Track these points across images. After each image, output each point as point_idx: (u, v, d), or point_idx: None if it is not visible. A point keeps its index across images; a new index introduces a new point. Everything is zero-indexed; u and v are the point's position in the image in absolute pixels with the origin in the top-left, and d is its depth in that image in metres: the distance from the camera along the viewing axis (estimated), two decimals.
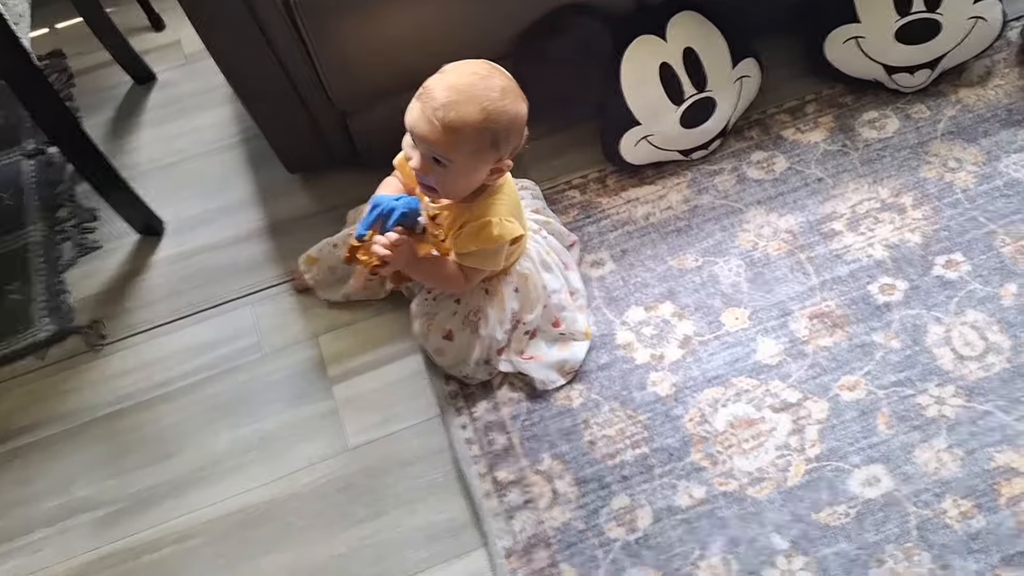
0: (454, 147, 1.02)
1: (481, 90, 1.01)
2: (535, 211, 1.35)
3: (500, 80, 1.03)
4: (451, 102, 0.99)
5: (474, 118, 1.00)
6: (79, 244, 1.58)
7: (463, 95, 1.00)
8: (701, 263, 1.39)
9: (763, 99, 1.56)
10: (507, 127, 1.03)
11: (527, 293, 1.26)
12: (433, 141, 1.02)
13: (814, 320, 1.30)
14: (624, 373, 1.30)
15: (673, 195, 1.48)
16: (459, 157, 1.03)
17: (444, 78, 1.02)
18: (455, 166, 1.04)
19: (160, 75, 1.87)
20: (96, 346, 1.44)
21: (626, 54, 1.38)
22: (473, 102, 1.00)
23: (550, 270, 1.29)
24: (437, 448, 1.27)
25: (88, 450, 1.33)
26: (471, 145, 1.02)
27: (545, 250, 1.29)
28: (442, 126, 1.00)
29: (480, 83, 1.01)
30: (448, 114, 0.99)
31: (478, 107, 1.00)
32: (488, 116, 1.01)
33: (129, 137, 1.76)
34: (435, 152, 1.04)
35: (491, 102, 1.01)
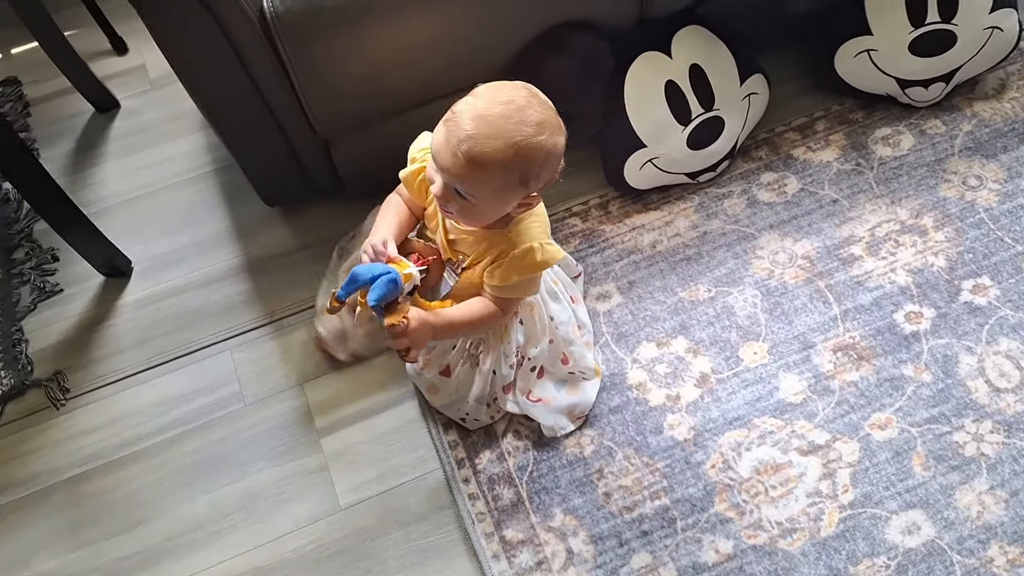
0: (477, 183, 0.93)
1: (514, 124, 0.90)
2: None
3: (537, 112, 0.92)
4: (478, 134, 0.89)
5: (502, 155, 0.90)
6: (38, 287, 1.49)
7: (492, 128, 0.90)
8: (714, 294, 1.33)
9: (770, 116, 1.51)
10: (540, 164, 0.94)
11: (532, 324, 1.19)
12: (456, 174, 0.92)
13: (838, 353, 1.24)
14: (638, 416, 1.23)
15: (680, 221, 1.43)
16: (483, 193, 0.94)
17: (475, 105, 0.92)
18: (478, 200, 0.95)
19: (124, 102, 1.79)
20: (58, 401, 1.34)
21: (630, 72, 1.33)
22: (503, 137, 0.90)
23: (557, 300, 1.21)
24: (438, 505, 1.19)
25: (50, 518, 1.24)
26: (496, 182, 0.93)
27: (552, 279, 1.22)
28: (466, 160, 0.90)
29: (514, 115, 0.91)
30: (473, 148, 0.90)
31: (508, 143, 0.90)
32: (518, 153, 0.91)
33: (91, 170, 1.67)
34: (457, 185, 0.95)
35: (524, 138, 0.90)
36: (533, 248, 1.02)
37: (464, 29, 1.23)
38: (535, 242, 1.02)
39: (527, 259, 1.02)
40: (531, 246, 1.02)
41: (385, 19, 1.17)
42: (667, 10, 1.34)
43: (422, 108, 1.36)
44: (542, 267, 1.04)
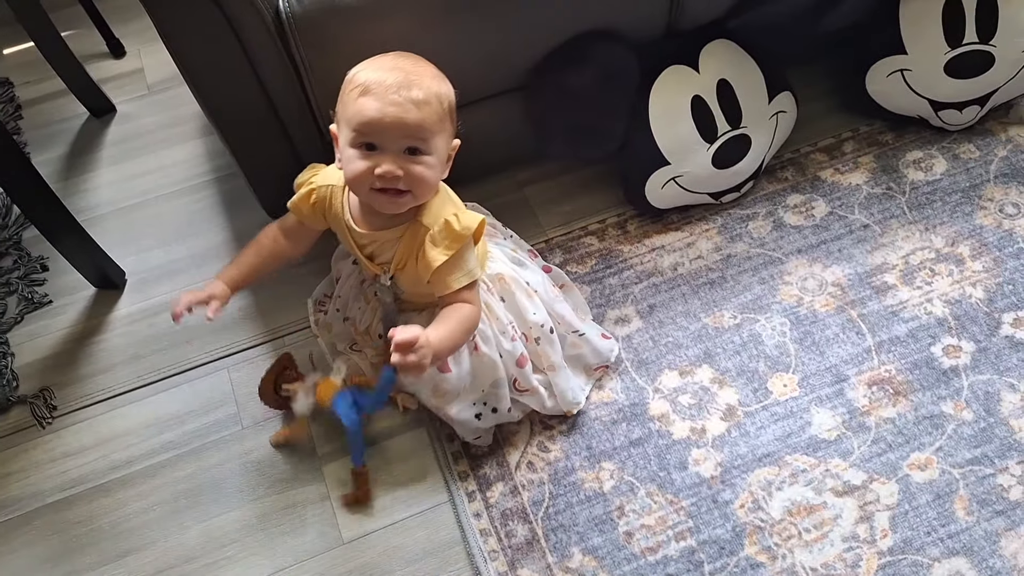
0: (429, 123, 0.94)
1: (417, 64, 0.97)
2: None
3: (419, 57, 0.99)
4: (406, 79, 0.93)
5: (433, 87, 0.95)
6: (26, 298, 1.43)
7: (411, 71, 0.95)
8: (740, 320, 1.28)
9: (796, 136, 1.47)
10: (453, 97, 0.99)
11: (513, 294, 1.13)
12: (410, 121, 0.92)
13: (873, 387, 1.19)
14: (660, 450, 1.17)
15: (703, 243, 1.37)
16: (433, 134, 0.95)
17: (380, 65, 0.96)
18: (432, 148, 0.96)
19: (120, 107, 1.73)
20: (44, 419, 1.27)
21: (655, 86, 1.28)
22: (422, 74, 0.95)
23: (524, 265, 1.17)
24: (447, 541, 1.13)
25: (32, 546, 1.16)
26: (439, 116, 0.95)
27: (511, 248, 1.19)
28: (412, 103, 0.92)
29: (411, 60, 0.98)
30: (412, 90, 0.93)
31: (429, 76, 0.95)
32: (440, 85, 0.96)
33: (84, 176, 1.61)
34: (411, 138, 0.94)
35: (434, 73, 0.97)
36: (448, 220, 0.99)
37: (486, 35, 1.18)
38: (449, 214, 1.00)
39: (449, 231, 0.99)
40: (445, 219, 1.00)
41: (405, 24, 1.12)
42: (696, 22, 1.30)
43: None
44: (464, 235, 1.00)
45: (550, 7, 1.18)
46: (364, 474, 1.15)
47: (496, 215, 1.41)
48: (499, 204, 1.45)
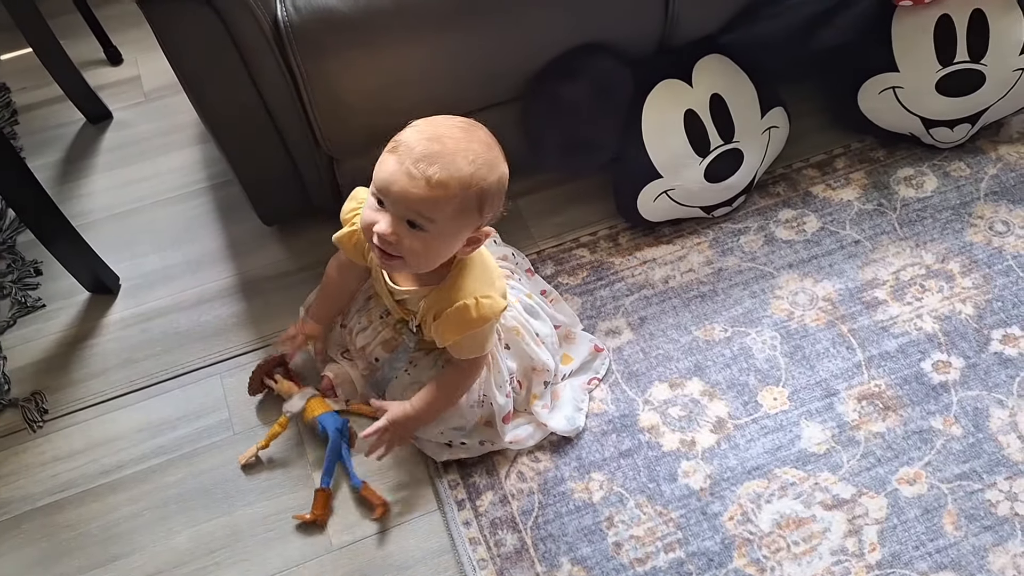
0: (437, 206, 0.92)
1: (467, 143, 0.92)
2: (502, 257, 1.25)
3: (485, 135, 0.95)
4: (436, 153, 0.90)
5: (463, 171, 0.91)
6: (18, 302, 1.43)
7: (449, 147, 0.91)
8: (731, 334, 1.29)
9: (788, 152, 1.48)
10: (495, 187, 0.94)
11: (520, 346, 1.14)
12: (415, 197, 0.91)
13: (863, 402, 1.20)
14: (650, 461, 1.17)
15: (694, 256, 1.38)
16: (442, 218, 0.93)
17: (423, 130, 0.93)
18: (435, 229, 0.94)
19: (116, 113, 1.74)
20: (35, 423, 1.28)
21: (648, 99, 1.29)
22: (460, 154, 0.91)
23: (537, 315, 1.18)
24: (437, 549, 1.13)
25: (20, 550, 1.16)
26: (456, 204, 0.92)
27: (525, 294, 1.20)
28: (425, 179, 0.90)
29: (464, 135, 0.93)
30: (432, 167, 0.90)
31: (466, 160, 0.91)
32: (477, 171, 0.92)
33: (80, 181, 1.62)
34: (414, 213, 0.93)
35: (478, 156, 0.92)
36: (467, 305, 1.00)
37: (481, 47, 1.20)
38: (469, 298, 1.00)
39: (462, 317, 1.00)
40: (463, 303, 1.00)
41: (402, 35, 1.14)
42: (689, 37, 1.31)
43: None
44: (479, 324, 1.01)
45: (544, 21, 1.20)
46: (327, 496, 1.15)
47: None
48: None
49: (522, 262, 1.31)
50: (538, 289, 1.28)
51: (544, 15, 1.18)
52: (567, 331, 1.25)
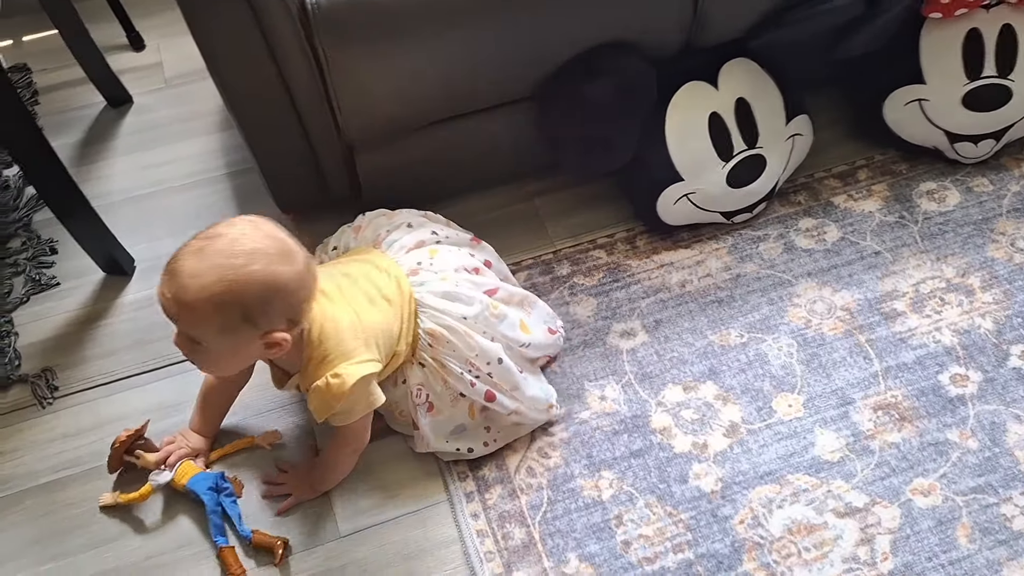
0: (197, 326, 0.93)
1: (223, 257, 0.90)
2: (416, 243, 1.19)
3: (251, 241, 0.92)
4: (182, 272, 0.90)
5: (208, 292, 0.89)
6: (33, 279, 1.45)
7: (202, 263, 0.90)
8: (747, 340, 1.30)
9: (811, 161, 1.50)
10: (259, 297, 0.91)
11: (451, 343, 1.10)
12: (173, 317, 0.93)
13: (879, 412, 1.21)
14: (661, 463, 1.18)
15: (712, 261, 1.40)
16: (208, 336, 0.94)
17: (190, 244, 0.93)
18: (209, 345, 0.95)
19: (137, 98, 1.77)
20: (44, 399, 1.29)
21: (673, 101, 1.31)
22: (209, 272, 0.90)
23: (456, 298, 1.12)
24: (444, 540, 1.14)
25: (23, 526, 1.17)
26: (216, 322, 0.92)
27: (440, 278, 1.13)
28: (174, 301, 0.91)
29: (225, 247, 0.91)
30: (176, 287, 0.90)
31: (213, 277, 0.89)
32: (229, 288, 0.89)
33: (99, 163, 1.64)
34: (185, 330, 0.94)
35: (233, 270, 0.90)
36: (318, 388, 1.01)
37: (506, 43, 1.22)
38: (320, 379, 1.00)
39: (320, 398, 1.02)
40: (316, 386, 1.01)
41: (428, 25, 1.16)
42: (716, 40, 1.33)
43: (451, 123, 1.34)
44: (337, 400, 1.01)
45: (570, 17, 1.21)
46: (230, 552, 1.12)
47: (504, 225, 1.45)
48: (508, 213, 1.48)
49: (456, 234, 1.24)
50: (482, 260, 1.22)
51: (570, 11, 1.20)
52: (521, 297, 1.22)
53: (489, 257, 1.25)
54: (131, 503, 1.16)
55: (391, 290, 1.09)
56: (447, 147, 1.39)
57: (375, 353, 1.04)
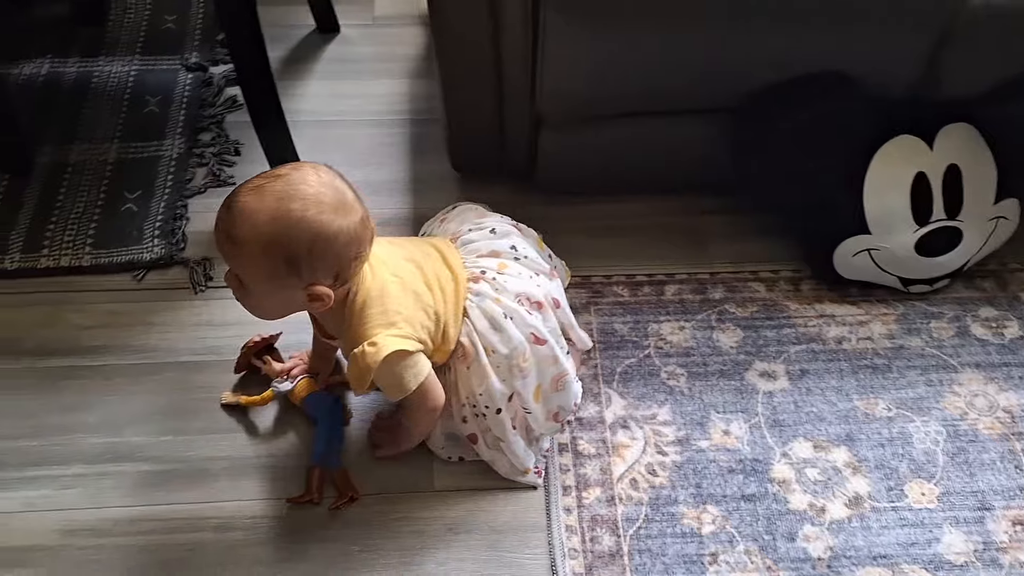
0: (243, 266, 0.93)
1: (279, 198, 0.89)
2: (489, 252, 1.13)
3: (312, 187, 0.91)
4: (238, 208, 0.90)
5: (257, 231, 0.89)
6: (213, 173, 1.55)
7: (257, 202, 0.89)
8: (894, 415, 1.25)
9: (1008, 249, 1.42)
10: (306, 245, 0.90)
11: (478, 370, 1.07)
12: (224, 254, 0.93)
13: (1018, 527, 1.14)
14: (772, 514, 1.15)
15: (877, 325, 1.35)
16: (254, 279, 0.94)
17: (255, 179, 0.93)
18: (253, 288, 0.95)
19: (344, 29, 1.86)
20: (199, 285, 1.39)
21: (883, 149, 1.27)
22: (263, 211, 0.89)
23: (501, 329, 1.06)
24: (531, 524, 1.15)
25: (153, 395, 1.26)
26: (261, 265, 0.91)
27: (492, 299, 1.07)
28: (227, 237, 0.91)
29: (285, 188, 0.90)
30: (230, 224, 0.90)
31: (268, 217, 0.89)
32: (276, 229, 0.89)
33: (294, 82, 1.74)
34: (233, 268, 0.95)
35: (287, 213, 0.89)
36: (354, 355, 0.99)
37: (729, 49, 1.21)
38: (357, 347, 0.98)
39: (356, 367, 0.99)
40: (353, 354, 0.99)
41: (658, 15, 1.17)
42: (946, 96, 1.27)
43: (642, 119, 1.34)
44: (370, 370, 0.98)
45: (800, 37, 1.19)
46: (317, 474, 1.15)
47: (664, 233, 1.44)
48: (672, 223, 1.47)
49: (536, 257, 1.15)
50: (551, 296, 1.14)
51: (803, 30, 1.18)
52: (558, 374, 1.12)
53: (561, 297, 1.15)
54: (251, 405, 1.23)
55: (449, 287, 1.07)
56: (632, 142, 1.40)
57: (419, 333, 1.01)
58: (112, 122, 1.61)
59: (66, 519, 1.14)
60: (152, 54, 1.74)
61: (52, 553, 1.12)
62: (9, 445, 1.21)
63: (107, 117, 1.62)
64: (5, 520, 1.14)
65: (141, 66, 1.72)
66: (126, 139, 1.59)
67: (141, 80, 1.69)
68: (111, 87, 1.68)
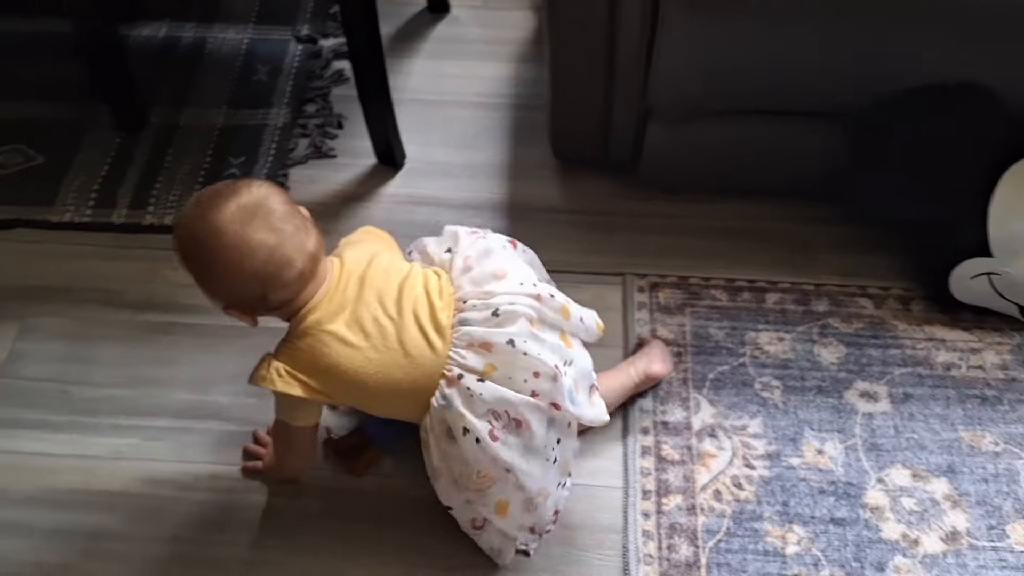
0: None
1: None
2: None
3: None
4: None
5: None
6: (315, 145, 1.58)
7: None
8: (1001, 450, 1.19)
9: None
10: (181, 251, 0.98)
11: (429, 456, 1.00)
12: None
13: None
14: (862, 541, 1.11)
15: (990, 355, 1.28)
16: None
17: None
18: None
19: (454, 10, 1.87)
20: None
21: (1014, 168, 1.20)
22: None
23: (455, 442, 0.97)
24: (607, 525, 1.14)
25: (244, 357, 1.26)
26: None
27: (458, 412, 0.96)
28: None
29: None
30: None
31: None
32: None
33: (401, 59, 1.76)
34: None
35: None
36: (262, 362, 1.00)
37: (855, 52, 1.18)
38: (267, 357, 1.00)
39: (258, 372, 1.00)
40: (261, 360, 1.00)
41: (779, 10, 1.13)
42: None
43: (754, 118, 1.31)
44: (263, 383, 0.98)
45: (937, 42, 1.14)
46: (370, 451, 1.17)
47: (765, 239, 1.41)
48: (774, 229, 1.43)
49: (536, 338, 0.98)
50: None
51: (940, 36, 1.13)
52: (528, 498, 1.01)
53: (568, 394, 1.00)
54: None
55: (426, 358, 0.98)
56: (741, 142, 1.36)
57: (318, 384, 0.98)
58: (222, 88, 1.66)
59: (150, 469, 1.19)
60: (265, 23, 1.78)
61: (134, 500, 1.16)
62: (104, 393, 1.26)
63: (218, 83, 1.67)
64: (93, 464, 1.19)
65: (254, 35, 1.76)
66: (235, 105, 1.63)
67: (253, 49, 1.74)
68: (224, 53, 1.73)
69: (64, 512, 1.15)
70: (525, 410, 0.96)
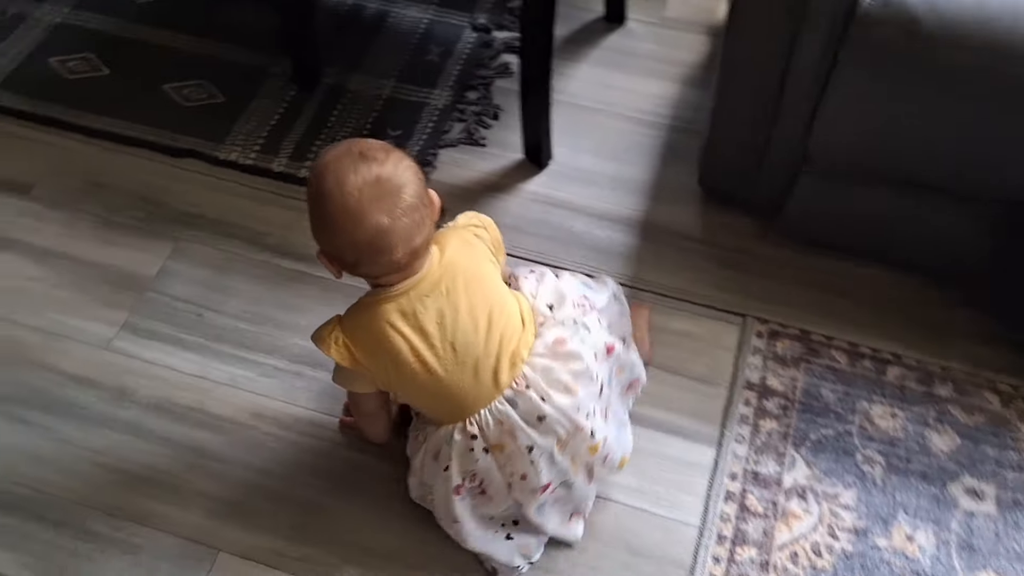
0: None
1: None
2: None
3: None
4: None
5: None
6: (468, 131, 1.64)
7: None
8: None
9: None
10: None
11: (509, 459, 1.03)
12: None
13: None
14: None
15: None
16: None
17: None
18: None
19: (630, 23, 1.88)
20: None
21: None
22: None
23: (536, 426, 1.00)
24: (675, 559, 1.15)
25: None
26: None
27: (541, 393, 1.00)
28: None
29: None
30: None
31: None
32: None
33: (568, 62, 1.79)
34: None
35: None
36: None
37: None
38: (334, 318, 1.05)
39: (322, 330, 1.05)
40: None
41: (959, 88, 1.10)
42: None
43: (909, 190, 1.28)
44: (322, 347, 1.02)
45: None
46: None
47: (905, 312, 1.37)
48: (909, 302, 1.40)
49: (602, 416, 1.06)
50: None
51: None
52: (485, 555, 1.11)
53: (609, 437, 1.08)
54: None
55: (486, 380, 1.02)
56: (892, 210, 1.33)
57: (367, 362, 1.01)
58: (394, 61, 1.74)
59: (258, 404, 1.27)
60: (446, 7, 1.86)
61: (239, 428, 1.25)
62: (232, 323, 1.36)
63: (391, 55, 1.75)
64: (211, 387, 1.29)
65: (434, 16, 1.84)
66: (402, 79, 1.71)
67: (430, 29, 1.81)
68: (403, 28, 1.81)
69: (178, 424, 1.26)
70: (496, 492, 1.05)
